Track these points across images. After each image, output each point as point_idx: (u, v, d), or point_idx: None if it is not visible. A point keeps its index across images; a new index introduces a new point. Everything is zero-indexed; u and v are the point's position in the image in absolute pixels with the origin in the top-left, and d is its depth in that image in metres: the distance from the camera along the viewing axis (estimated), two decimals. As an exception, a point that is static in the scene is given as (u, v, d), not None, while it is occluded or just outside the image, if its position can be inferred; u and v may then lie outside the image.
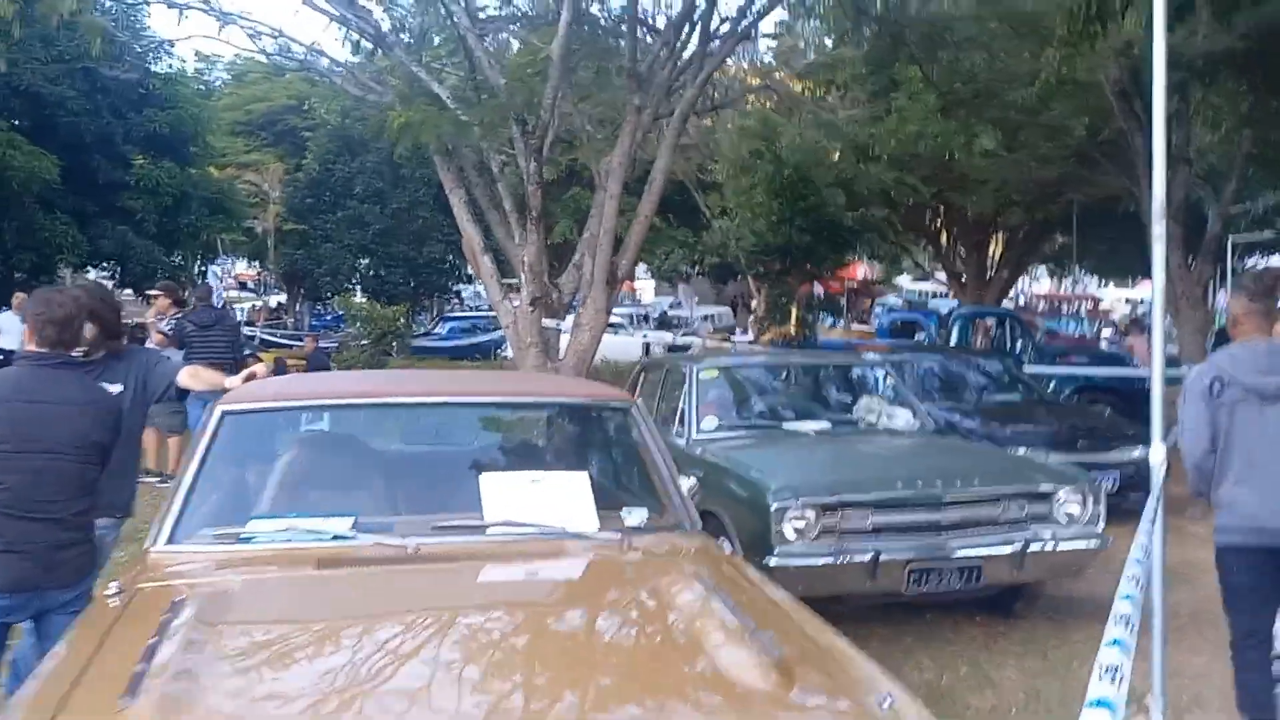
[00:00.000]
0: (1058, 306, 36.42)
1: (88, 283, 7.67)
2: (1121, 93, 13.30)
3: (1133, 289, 45.68)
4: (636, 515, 3.75)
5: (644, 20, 12.66)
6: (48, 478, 3.77)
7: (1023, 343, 16.51)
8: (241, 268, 43.54)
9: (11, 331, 12.10)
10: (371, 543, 3.35)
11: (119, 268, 22.56)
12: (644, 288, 49.22)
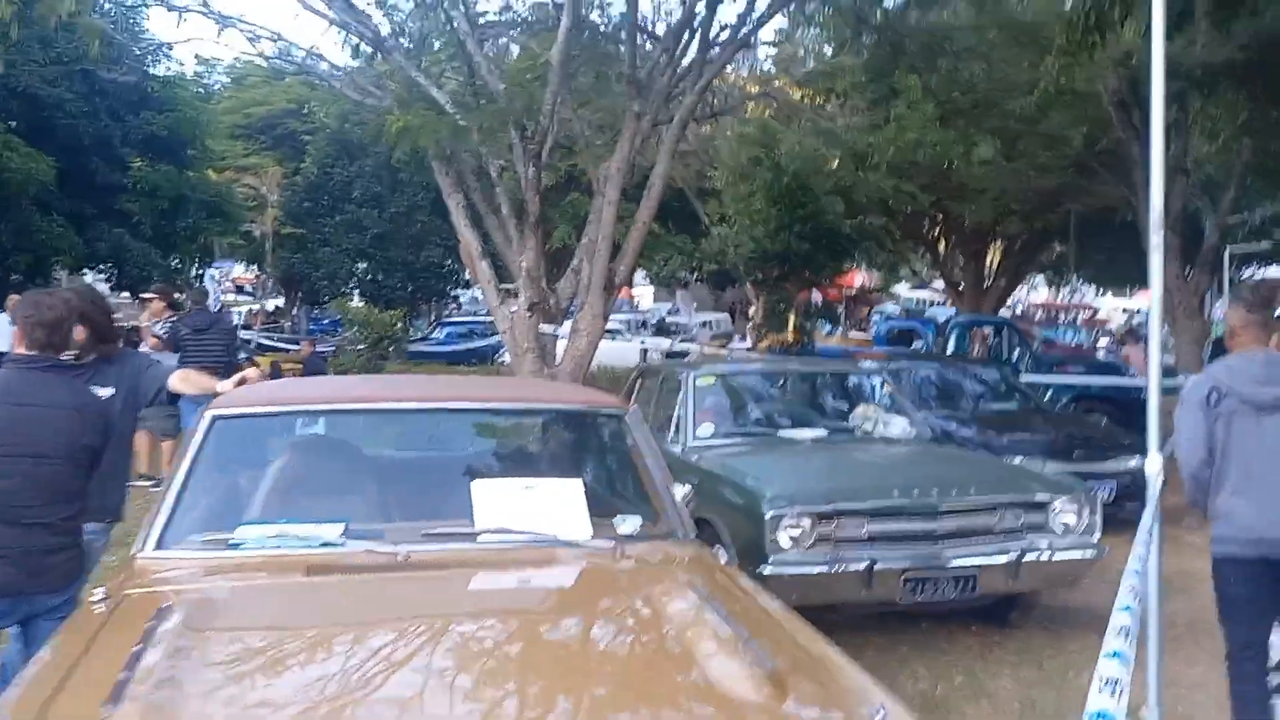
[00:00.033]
0: (1055, 316, 36.43)
1: (79, 285, 7.65)
2: (1120, 103, 13.31)
3: (1130, 299, 45.71)
4: (630, 523, 3.72)
5: (644, 27, 12.68)
6: (36, 482, 3.73)
7: (1020, 352, 16.51)
8: (239, 271, 43.45)
9: (4, 334, 12.07)
10: (361, 550, 3.32)
11: (115, 270, 22.53)
12: (642, 294, 49.22)
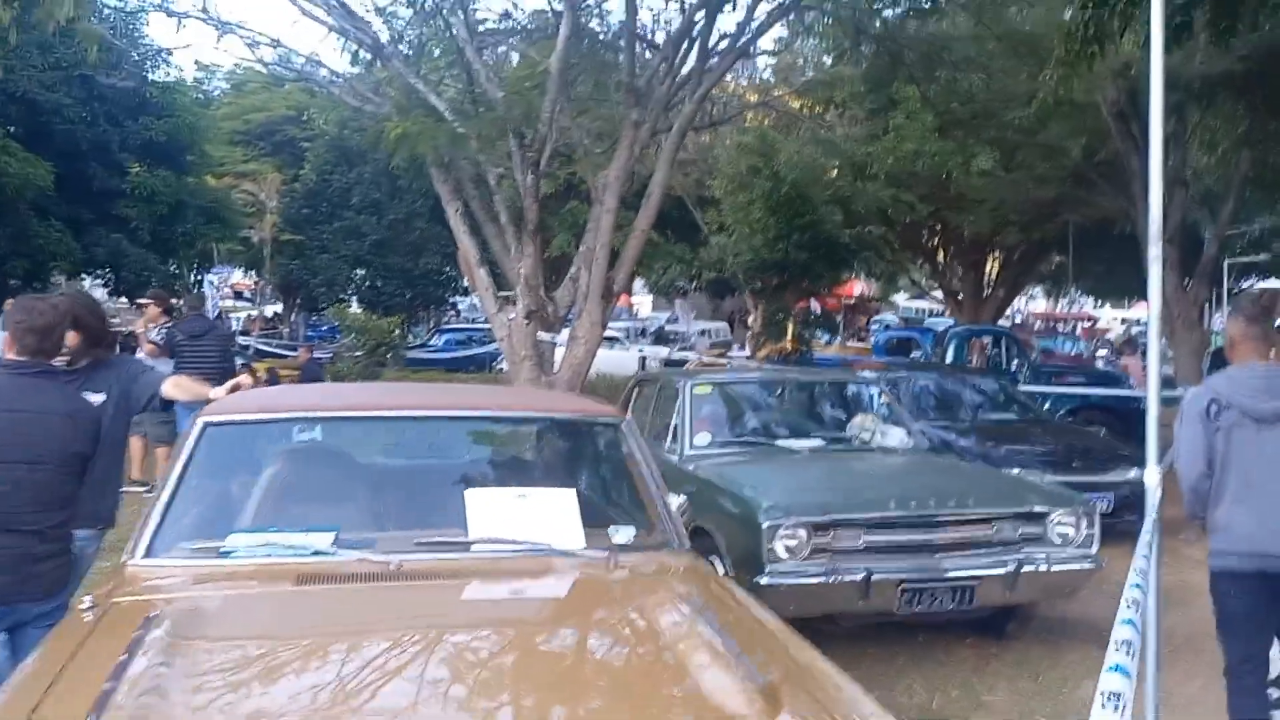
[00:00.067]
0: (1053, 326, 36.46)
1: (72, 290, 7.63)
2: (1119, 114, 13.33)
3: (1128, 310, 45.72)
4: (624, 533, 3.69)
5: (643, 35, 12.67)
6: (26, 488, 3.71)
7: (1018, 362, 16.50)
8: (238, 277, 43.41)
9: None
10: (353, 559, 3.28)
11: (113, 275, 22.50)
12: (641, 302, 49.22)
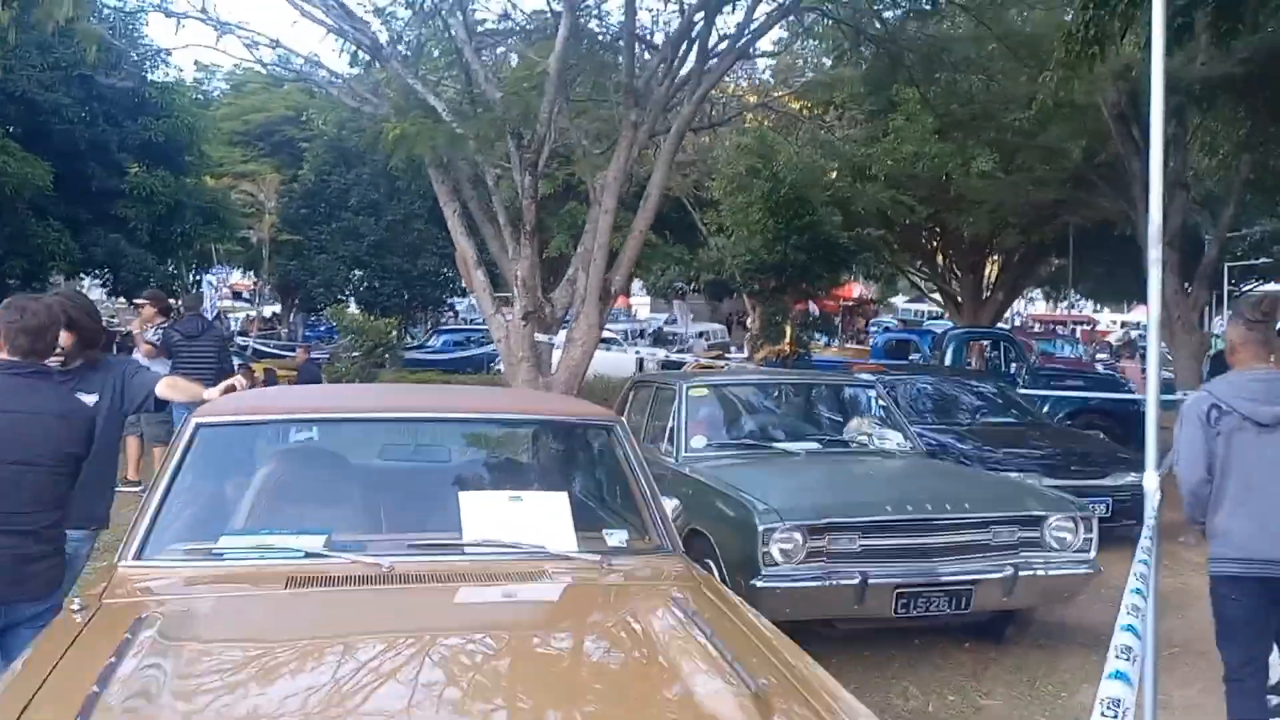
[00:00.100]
0: (1053, 329, 36.43)
1: (66, 290, 7.60)
2: (1119, 116, 13.31)
3: (1128, 313, 45.74)
4: (617, 537, 3.67)
5: (642, 36, 12.66)
6: (18, 489, 3.68)
7: (1017, 365, 16.47)
8: (237, 277, 43.40)
9: None
10: (345, 561, 3.26)
11: (111, 276, 22.46)
12: (640, 304, 49.21)
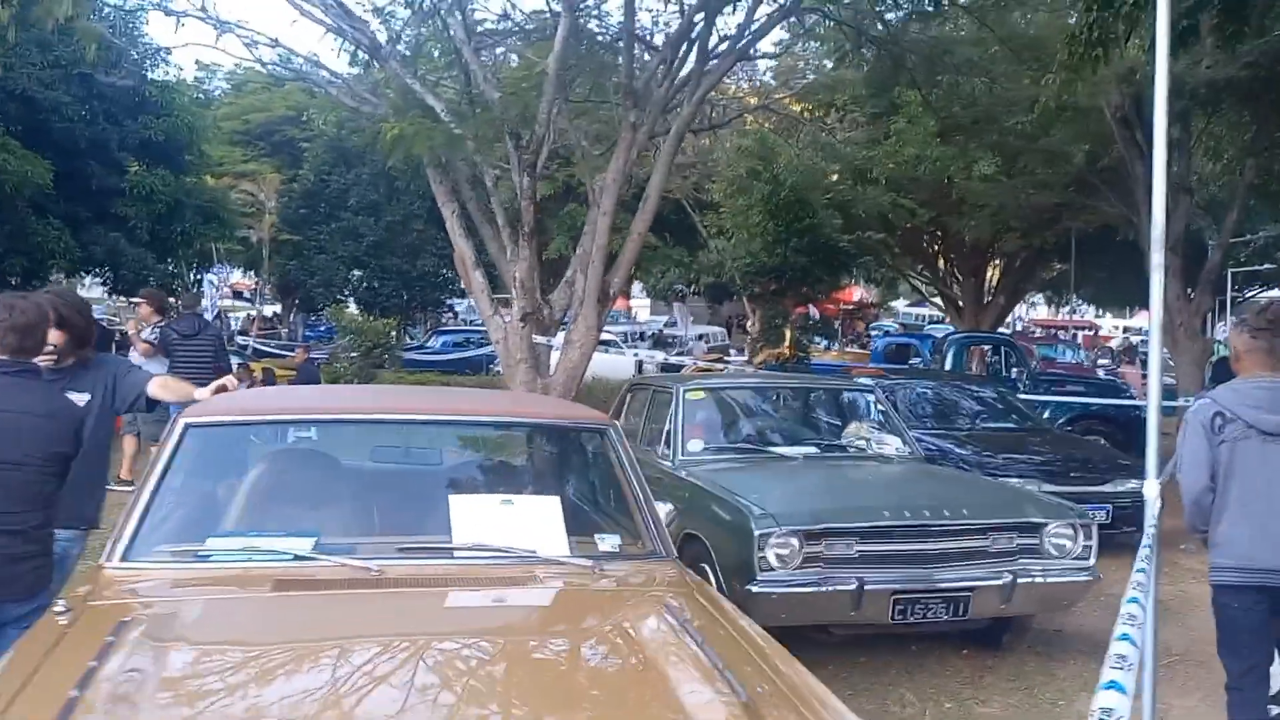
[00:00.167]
0: (1054, 334, 36.37)
1: (57, 288, 7.57)
2: (1122, 119, 13.27)
3: (1130, 318, 45.67)
4: (609, 541, 3.63)
5: (641, 37, 12.62)
6: (5, 489, 3.63)
7: (1018, 370, 16.40)
8: (237, 277, 43.43)
9: None
10: (333, 564, 3.23)
11: (111, 274, 22.45)
12: (640, 306, 49.20)
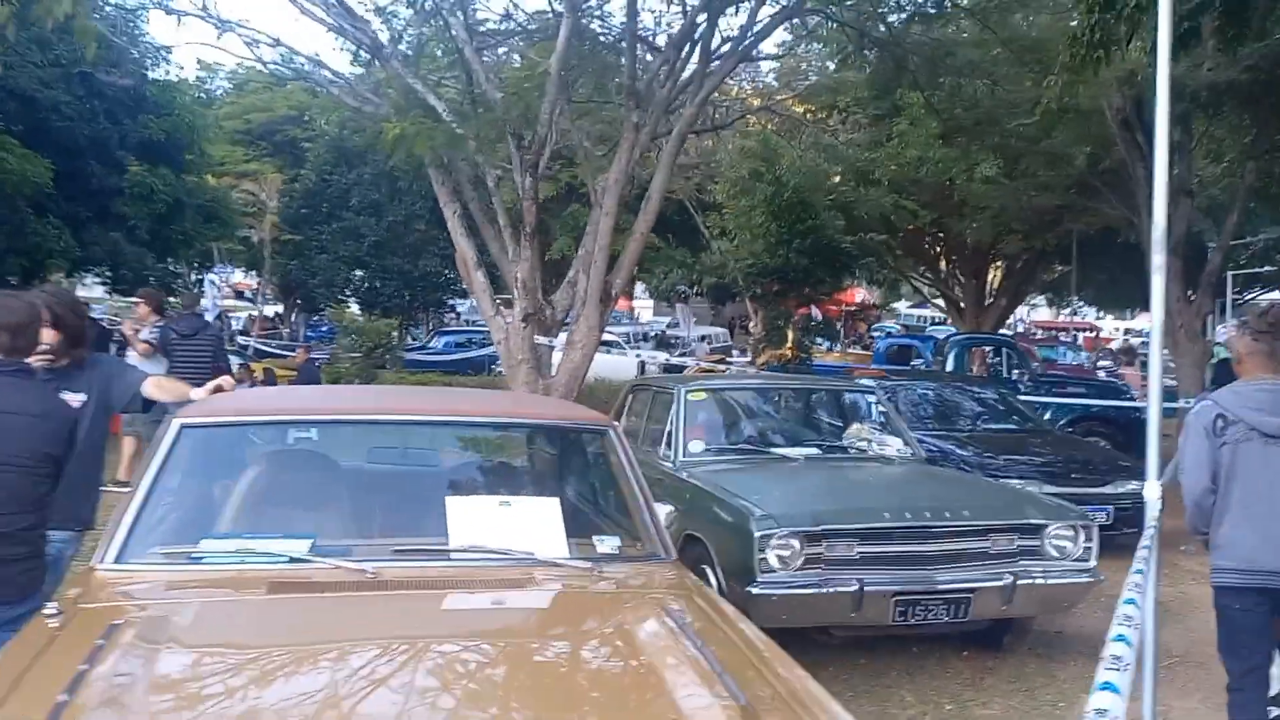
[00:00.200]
0: (1055, 335, 36.39)
1: (51, 287, 7.56)
2: (1124, 122, 13.24)
3: (1131, 320, 45.63)
4: (609, 543, 3.60)
5: (644, 38, 12.59)
6: None
7: (1019, 371, 16.38)
8: (239, 277, 43.43)
9: None
10: (329, 566, 3.20)
11: (111, 274, 22.43)
12: (642, 307, 49.17)
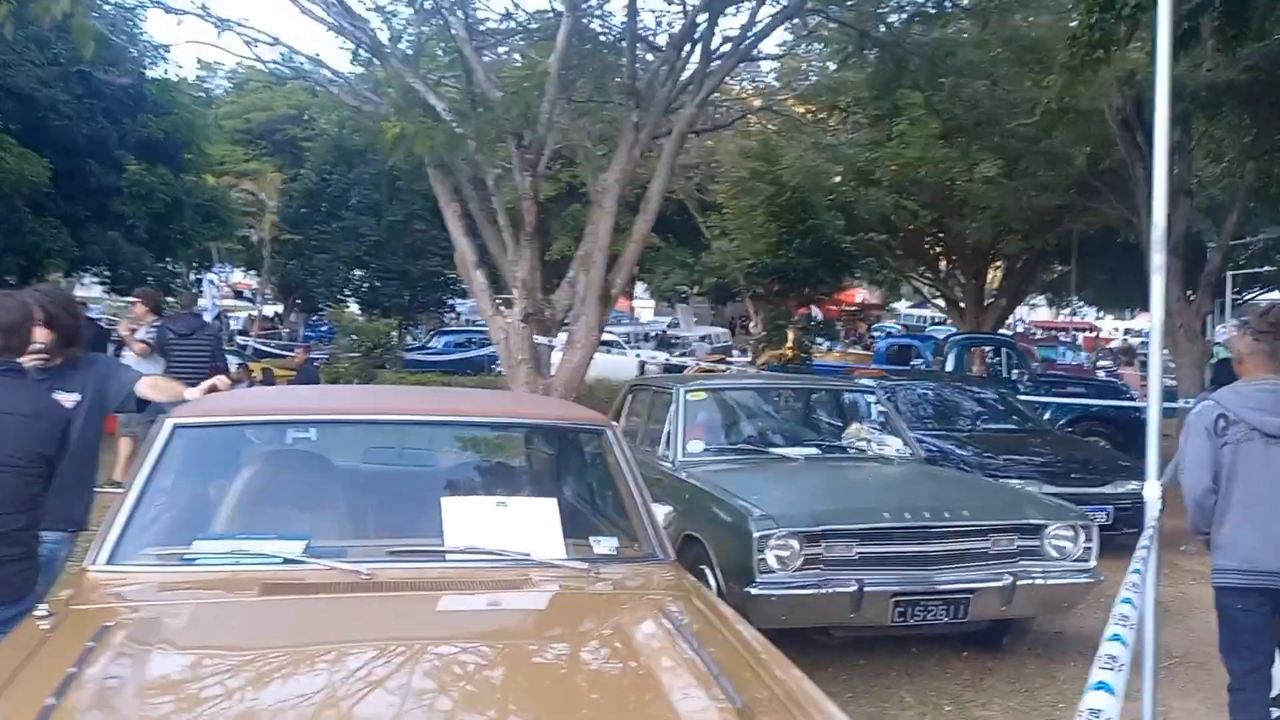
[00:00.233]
0: (1055, 335, 36.41)
1: (45, 286, 7.55)
2: (1124, 122, 13.23)
3: (1131, 320, 45.60)
4: (606, 544, 3.57)
5: (644, 37, 12.56)
6: None
7: (1019, 371, 16.36)
8: (238, 276, 43.40)
9: None
10: (323, 567, 3.17)
11: (110, 273, 22.39)
12: (643, 307, 49.16)
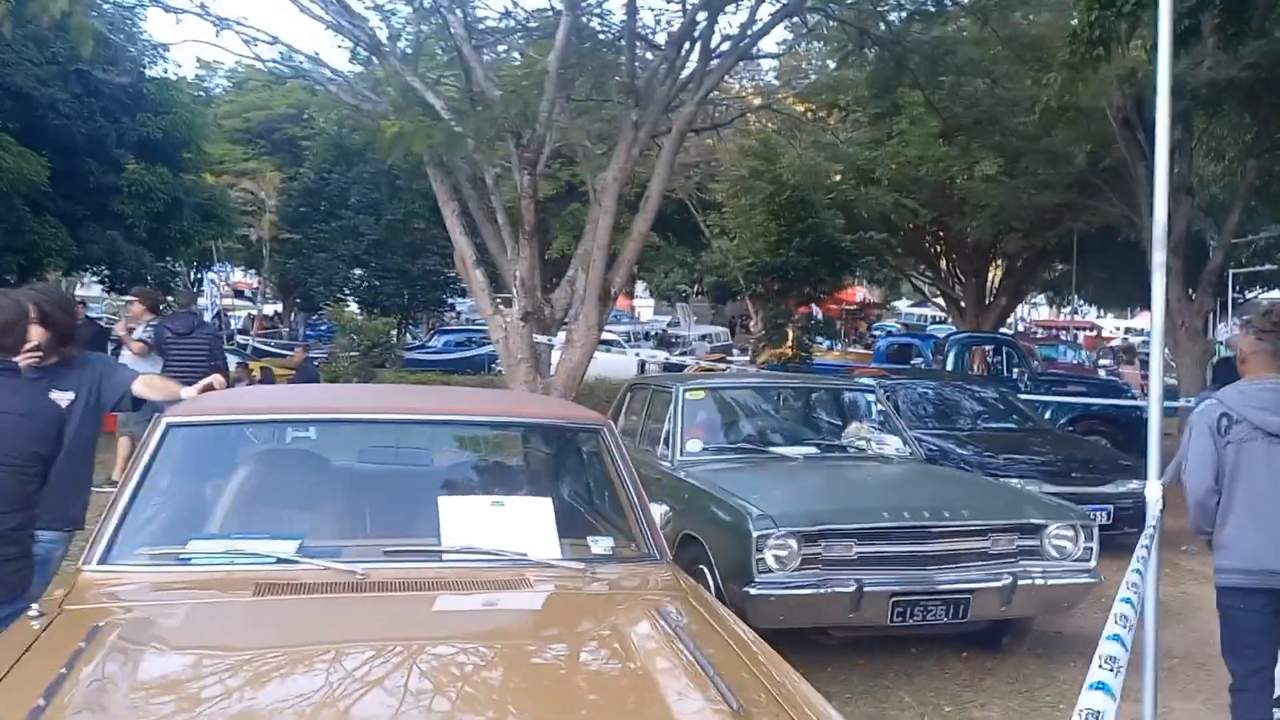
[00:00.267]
0: (1055, 334, 36.40)
1: (40, 285, 7.56)
2: (1124, 120, 13.22)
3: (1132, 319, 45.60)
4: (602, 544, 3.56)
5: (644, 35, 12.55)
6: None
7: (1019, 370, 16.34)
8: (238, 275, 43.42)
9: None
10: (317, 567, 3.16)
11: (109, 272, 22.36)
12: (643, 306, 49.16)
